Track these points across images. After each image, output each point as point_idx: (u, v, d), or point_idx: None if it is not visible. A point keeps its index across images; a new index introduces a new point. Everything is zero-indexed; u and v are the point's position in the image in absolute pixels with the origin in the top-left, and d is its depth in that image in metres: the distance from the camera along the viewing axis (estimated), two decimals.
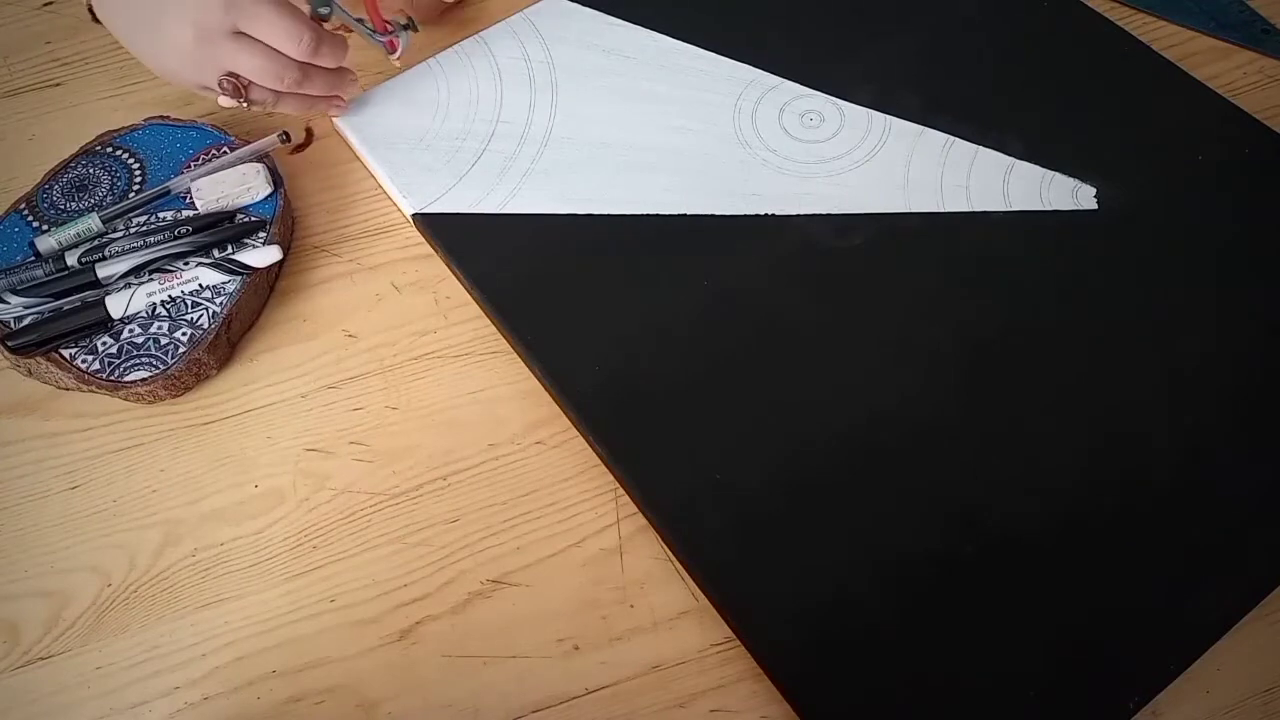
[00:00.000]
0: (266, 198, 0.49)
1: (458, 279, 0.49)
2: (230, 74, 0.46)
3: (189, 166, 0.50)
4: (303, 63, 0.47)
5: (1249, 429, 0.43)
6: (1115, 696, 0.37)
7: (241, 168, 0.49)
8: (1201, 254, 0.47)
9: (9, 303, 0.45)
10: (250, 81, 0.47)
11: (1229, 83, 0.55)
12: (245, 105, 0.48)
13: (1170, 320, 0.45)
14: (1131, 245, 0.48)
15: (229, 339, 0.47)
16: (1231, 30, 0.57)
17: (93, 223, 0.47)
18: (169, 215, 0.49)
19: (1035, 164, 0.50)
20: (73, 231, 0.47)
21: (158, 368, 0.44)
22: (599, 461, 0.44)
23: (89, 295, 0.46)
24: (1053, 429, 0.43)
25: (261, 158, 0.50)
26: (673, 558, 0.41)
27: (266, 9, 0.45)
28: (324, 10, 0.49)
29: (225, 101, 0.47)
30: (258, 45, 0.46)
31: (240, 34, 0.45)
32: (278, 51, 0.46)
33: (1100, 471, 0.42)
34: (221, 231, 0.48)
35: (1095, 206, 0.49)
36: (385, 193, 0.52)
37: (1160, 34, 0.57)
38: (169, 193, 0.49)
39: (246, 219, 0.49)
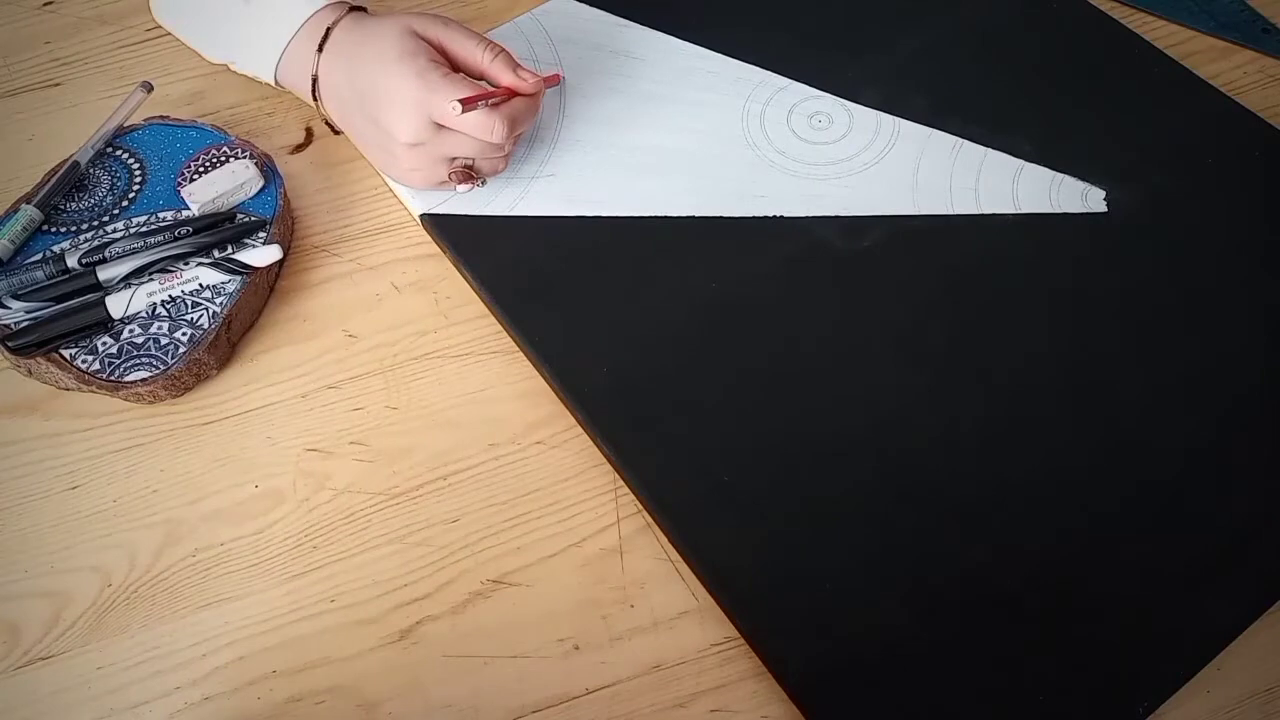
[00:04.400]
0: (263, 193, 0.49)
1: (466, 280, 0.49)
2: (457, 165, 0.47)
3: (189, 166, 0.50)
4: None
5: (1259, 433, 0.42)
6: (1124, 701, 0.37)
7: (231, 165, 0.49)
8: (1212, 255, 0.47)
9: (10, 307, 0.45)
10: (473, 160, 0.48)
11: (1230, 82, 0.55)
12: (483, 182, 0.49)
13: (1181, 321, 0.45)
14: (1142, 247, 0.48)
15: (229, 339, 0.46)
16: (1232, 29, 0.57)
17: (33, 213, 0.47)
18: (169, 215, 0.49)
19: (1045, 166, 0.50)
20: (18, 227, 0.47)
21: (158, 368, 0.44)
22: (599, 462, 0.44)
23: (90, 297, 0.46)
24: (1061, 432, 0.43)
25: (251, 153, 0.50)
26: (673, 558, 0.41)
27: (447, 99, 0.44)
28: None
29: (465, 188, 0.48)
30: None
31: (443, 127, 0.46)
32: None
33: (1108, 475, 0.42)
34: (222, 231, 0.48)
35: (1105, 209, 0.49)
36: (391, 192, 0.52)
37: (1160, 33, 0.57)
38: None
39: (246, 219, 0.49)
